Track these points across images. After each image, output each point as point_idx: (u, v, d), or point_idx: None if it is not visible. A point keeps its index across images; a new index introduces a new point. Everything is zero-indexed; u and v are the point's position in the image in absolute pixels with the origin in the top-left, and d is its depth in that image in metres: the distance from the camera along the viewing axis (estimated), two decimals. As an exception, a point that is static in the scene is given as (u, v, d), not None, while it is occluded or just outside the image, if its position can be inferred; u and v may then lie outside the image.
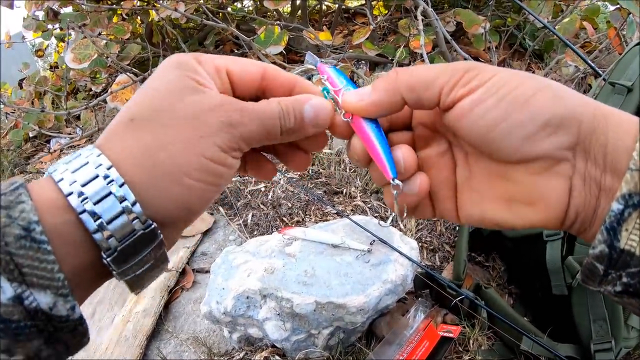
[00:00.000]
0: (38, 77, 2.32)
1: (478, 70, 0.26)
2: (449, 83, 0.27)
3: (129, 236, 0.25)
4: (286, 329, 0.87)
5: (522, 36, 1.92)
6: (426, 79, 0.27)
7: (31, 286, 0.21)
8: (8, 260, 0.21)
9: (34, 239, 0.22)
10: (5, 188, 0.23)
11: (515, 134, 0.25)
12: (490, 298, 0.95)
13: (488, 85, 0.26)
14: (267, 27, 1.66)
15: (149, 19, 2.15)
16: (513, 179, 0.27)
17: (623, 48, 1.56)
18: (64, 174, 0.24)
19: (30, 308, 0.21)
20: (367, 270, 0.88)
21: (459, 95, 0.26)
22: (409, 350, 0.90)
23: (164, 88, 0.27)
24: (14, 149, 2.19)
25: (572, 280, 0.83)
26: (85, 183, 0.24)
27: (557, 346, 0.83)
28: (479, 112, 0.26)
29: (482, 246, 1.15)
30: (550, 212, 0.26)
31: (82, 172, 0.24)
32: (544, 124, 0.25)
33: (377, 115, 0.30)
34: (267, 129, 0.28)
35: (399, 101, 0.28)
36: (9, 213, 0.22)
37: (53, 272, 0.22)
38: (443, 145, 0.31)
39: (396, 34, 1.99)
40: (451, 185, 0.31)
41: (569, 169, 0.25)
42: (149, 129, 0.26)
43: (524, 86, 0.25)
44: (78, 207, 0.24)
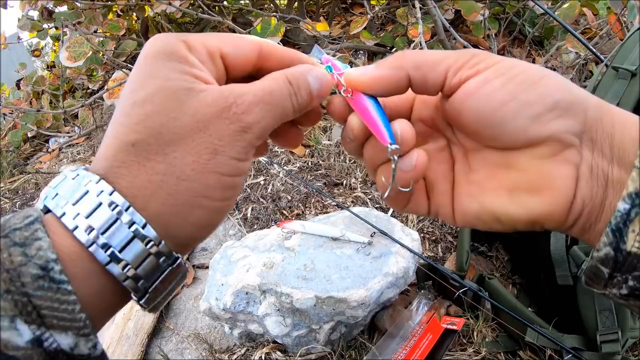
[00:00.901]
0: (35, 77, 2.30)
1: (485, 55, 0.26)
2: (456, 64, 0.26)
3: (155, 271, 0.24)
4: (287, 325, 0.86)
5: (522, 23, 1.89)
6: (433, 59, 0.27)
7: (51, 328, 0.20)
8: (25, 302, 0.20)
9: (52, 279, 0.20)
10: (20, 222, 0.21)
11: (523, 113, 0.24)
12: (494, 289, 0.93)
13: (496, 67, 0.25)
14: (264, 18, 1.63)
15: (145, 14, 2.13)
16: (517, 165, 0.26)
17: (624, 34, 1.53)
18: (65, 207, 0.23)
19: (51, 349, 0.20)
20: (368, 263, 0.87)
21: (465, 76, 0.26)
22: (412, 344, 0.89)
23: (157, 95, 0.24)
24: (13, 149, 2.18)
25: (577, 270, 0.81)
26: (89, 214, 0.22)
27: (562, 337, 0.82)
28: (486, 92, 0.25)
29: (485, 236, 1.14)
30: (556, 202, 0.25)
31: (85, 202, 0.23)
32: (552, 105, 0.24)
33: (378, 91, 0.28)
34: (280, 114, 0.26)
35: (403, 78, 0.27)
36: (24, 251, 0.20)
37: (74, 313, 0.21)
38: (441, 142, 0.31)
39: (394, 23, 1.96)
40: (448, 180, 0.30)
41: (576, 156, 0.24)
42: (154, 155, 0.23)
43: (531, 70, 0.25)
44: (86, 241, 0.22)
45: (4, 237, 0.21)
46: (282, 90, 0.26)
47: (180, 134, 0.23)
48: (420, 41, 1.41)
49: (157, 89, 0.24)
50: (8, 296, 0.20)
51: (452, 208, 0.30)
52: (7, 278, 0.20)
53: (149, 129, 0.23)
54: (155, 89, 0.24)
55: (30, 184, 1.86)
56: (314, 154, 1.53)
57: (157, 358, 1.02)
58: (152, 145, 0.23)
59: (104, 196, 0.23)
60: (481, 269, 1.08)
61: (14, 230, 0.21)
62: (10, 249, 0.20)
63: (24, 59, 2.76)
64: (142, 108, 0.24)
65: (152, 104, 0.24)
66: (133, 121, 0.24)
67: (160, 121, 0.23)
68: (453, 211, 0.29)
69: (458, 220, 0.29)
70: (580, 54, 1.51)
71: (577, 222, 0.25)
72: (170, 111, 0.23)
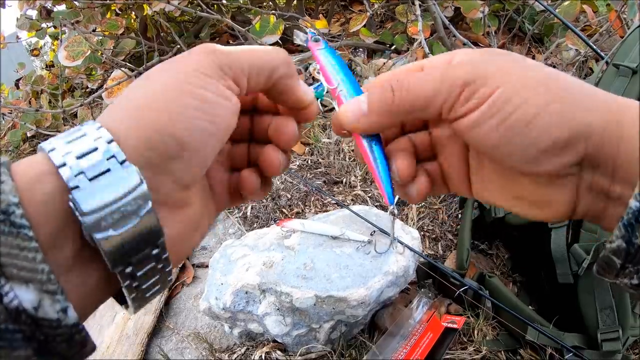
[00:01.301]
0: (34, 77, 2.30)
1: (479, 83, 0.25)
2: (447, 102, 0.26)
3: (102, 173, 0.21)
4: (286, 324, 0.86)
5: (522, 20, 1.88)
6: (423, 99, 0.26)
7: (11, 279, 0.18)
8: None
9: (13, 223, 0.19)
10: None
11: (517, 156, 0.25)
12: (494, 287, 0.93)
13: (489, 104, 0.25)
14: (263, 16, 1.63)
15: (143, 13, 2.12)
16: (520, 183, 0.27)
17: (624, 31, 1.52)
18: (56, 143, 0.22)
19: (12, 307, 0.18)
20: (368, 261, 0.87)
21: (459, 114, 0.26)
22: (413, 342, 0.88)
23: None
24: (13, 149, 2.18)
25: (577, 268, 0.81)
26: (81, 155, 0.21)
27: (563, 336, 0.81)
28: (481, 133, 0.25)
29: (485, 234, 1.13)
30: (557, 214, 0.27)
31: (79, 143, 0.22)
32: (546, 148, 0.24)
33: (373, 133, 0.30)
34: (256, 60, 0.27)
35: (396, 123, 0.29)
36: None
37: (35, 262, 0.19)
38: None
39: (394, 20, 1.96)
40: (464, 167, 0.31)
41: (574, 181, 0.25)
42: (138, 85, 0.25)
43: (527, 105, 0.24)
44: (59, 163, 0.21)
45: None
46: (264, 48, 0.28)
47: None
48: (420, 39, 1.41)
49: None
50: None
51: (469, 192, 0.31)
52: None
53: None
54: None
55: (29, 184, 1.85)
56: (314, 152, 1.53)
57: (157, 357, 1.02)
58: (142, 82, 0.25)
59: (92, 130, 0.23)
60: (481, 267, 1.08)
61: None
62: None
63: (23, 58, 2.76)
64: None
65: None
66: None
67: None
68: (471, 193, 0.31)
69: (477, 198, 0.31)
70: (581, 51, 1.51)
71: (584, 219, 0.27)
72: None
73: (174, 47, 1.88)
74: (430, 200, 1.28)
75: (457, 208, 1.23)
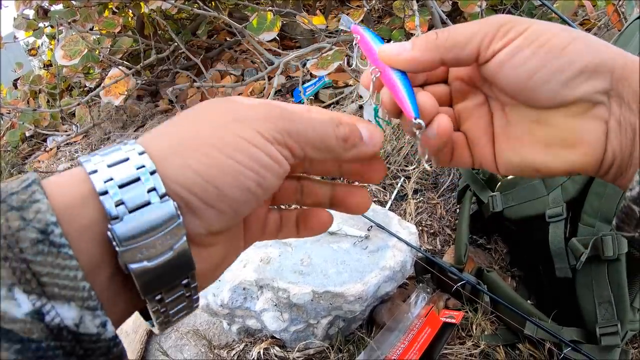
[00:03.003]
0: (32, 76, 2.30)
1: (513, 23, 0.27)
2: (486, 38, 0.27)
3: (141, 206, 0.21)
4: (284, 320, 0.85)
5: (520, 14, 1.87)
6: (464, 37, 0.28)
7: (52, 298, 0.19)
8: (24, 269, 0.18)
9: (52, 243, 0.19)
10: (17, 186, 0.20)
11: (553, 79, 0.26)
12: (492, 282, 0.93)
13: (525, 36, 0.27)
14: (260, 13, 1.62)
15: (140, 11, 2.12)
16: (551, 123, 0.28)
17: (622, 25, 1.51)
18: (98, 164, 0.22)
19: (53, 325, 0.19)
20: (365, 257, 0.86)
21: (497, 48, 0.27)
22: (411, 337, 0.88)
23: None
24: (11, 149, 2.18)
25: (576, 262, 0.80)
26: (123, 184, 0.21)
27: (561, 330, 0.81)
28: (517, 62, 0.27)
29: (483, 228, 1.13)
30: (589, 153, 0.27)
31: (121, 168, 0.22)
32: (580, 70, 0.26)
33: (411, 70, 0.30)
34: (318, 132, 0.26)
35: (436, 60, 0.29)
36: (22, 215, 0.19)
37: (77, 280, 0.19)
38: (480, 97, 0.32)
39: (391, 15, 1.95)
40: (489, 134, 0.31)
41: (605, 112, 0.26)
42: (187, 121, 0.25)
43: (558, 36, 0.26)
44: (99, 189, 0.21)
45: (1, 203, 0.19)
46: (323, 117, 0.27)
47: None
48: (418, 34, 1.40)
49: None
50: (5, 263, 0.18)
51: (494, 160, 0.31)
52: (4, 244, 0.18)
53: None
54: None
55: (28, 183, 1.86)
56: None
57: (156, 354, 1.02)
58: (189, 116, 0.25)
59: (133, 154, 0.22)
60: (480, 261, 1.08)
61: (11, 195, 0.20)
62: (8, 213, 0.19)
63: (20, 58, 2.76)
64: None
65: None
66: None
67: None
68: (496, 163, 0.31)
69: (501, 170, 0.31)
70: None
71: (609, 172, 0.27)
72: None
73: (172, 45, 1.88)
74: (429, 195, 1.28)
75: (455, 203, 1.23)
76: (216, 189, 0.23)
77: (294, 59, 1.59)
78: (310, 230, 0.32)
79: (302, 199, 0.32)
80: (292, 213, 0.32)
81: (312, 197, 0.32)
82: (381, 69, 0.30)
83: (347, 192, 0.31)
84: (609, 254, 0.76)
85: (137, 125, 2.03)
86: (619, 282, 0.77)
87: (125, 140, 0.23)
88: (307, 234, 0.32)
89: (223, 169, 0.23)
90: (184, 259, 0.23)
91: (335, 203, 0.32)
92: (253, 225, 0.31)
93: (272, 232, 0.32)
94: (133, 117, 2.09)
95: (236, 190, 0.23)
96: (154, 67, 2.19)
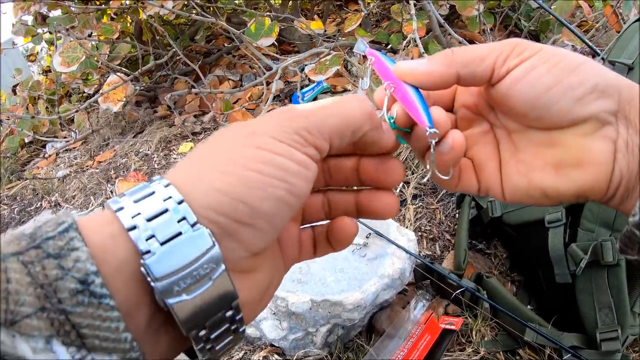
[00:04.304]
0: (31, 82, 2.30)
1: (526, 44, 0.28)
2: (501, 55, 0.28)
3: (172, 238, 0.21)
4: (283, 328, 0.85)
5: (517, 17, 1.87)
6: (480, 54, 0.28)
7: (93, 350, 0.18)
8: (63, 320, 0.18)
9: (93, 294, 0.18)
10: (52, 229, 0.19)
11: (567, 96, 0.27)
12: (492, 288, 0.92)
13: (539, 55, 0.27)
14: (258, 18, 1.62)
15: (138, 17, 2.12)
16: (561, 143, 0.28)
17: (620, 26, 1.51)
18: (124, 202, 0.21)
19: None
20: (363, 264, 0.86)
21: (512, 65, 0.28)
22: (410, 344, 0.88)
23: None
24: (10, 155, 2.18)
25: (575, 267, 0.80)
26: (151, 217, 0.21)
27: (561, 336, 0.81)
28: (533, 77, 0.27)
29: (483, 233, 1.13)
30: (597, 173, 0.27)
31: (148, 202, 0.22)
32: (592, 88, 0.26)
33: (426, 86, 0.30)
34: (343, 114, 0.26)
35: (452, 75, 0.29)
36: (60, 263, 0.18)
37: (119, 332, 0.18)
38: (485, 125, 0.32)
39: (389, 19, 1.95)
40: (495, 160, 0.31)
41: (613, 132, 0.27)
42: (205, 148, 0.24)
43: (570, 57, 0.27)
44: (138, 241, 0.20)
45: (35, 248, 0.18)
46: (351, 101, 0.27)
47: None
48: (415, 37, 1.40)
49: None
50: (43, 314, 0.17)
51: (501, 186, 0.31)
52: (41, 294, 0.18)
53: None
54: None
55: (27, 190, 1.85)
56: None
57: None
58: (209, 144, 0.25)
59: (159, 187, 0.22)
60: (479, 266, 1.07)
61: (46, 240, 0.19)
62: (44, 261, 0.18)
63: (19, 64, 2.76)
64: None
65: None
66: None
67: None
68: (502, 189, 0.31)
69: (507, 197, 0.31)
70: (577, 47, 1.50)
71: (616, 193, 0.27)
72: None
73: (170, 51, 1.88)
74: (428, 200, 1.27)
75: (454, 208, 1.22)
76: (247, 206, 0.22)
77: (292, 64, 1.59)
78: (339, 242, 0.31)
79: (330, 212, 0.32)
80: (323, 228, 0.31)
81: (339, 208, 0.31)
82: (395, 84, 0.30)
83: (372, 196, 0.31)
84: (608, 259, 0.75)
85: (136, 132, 2.03)
86: (619, 287, 0.77)
87: (152, 178, 0.23)
88: (339, 246, 0.31)
89: (249, 183, 0.22)
90: (224, 287, 0.22)
91: (361, 209, 0.31)
92: (289, 246, 0.30)
93: (308, 252, 0.31)
94: (132, 123, 2.09)
95: (268, 203, 0.23)
96: (152, 73, 2.19)
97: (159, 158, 1.77)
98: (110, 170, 1.78)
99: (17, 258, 0.18)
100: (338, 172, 0.31)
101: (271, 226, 0.23)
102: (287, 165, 0.23)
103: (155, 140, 1.84)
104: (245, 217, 0.22)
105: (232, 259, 0.22)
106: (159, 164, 1.74)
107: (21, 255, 0.18)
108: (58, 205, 1.70)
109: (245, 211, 0.22)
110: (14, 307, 0.17)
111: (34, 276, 0.18)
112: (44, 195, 1.77)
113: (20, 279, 0.18)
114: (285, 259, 0.30)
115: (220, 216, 0.22)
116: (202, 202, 0.22)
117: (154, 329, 0.21)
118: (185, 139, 1.83)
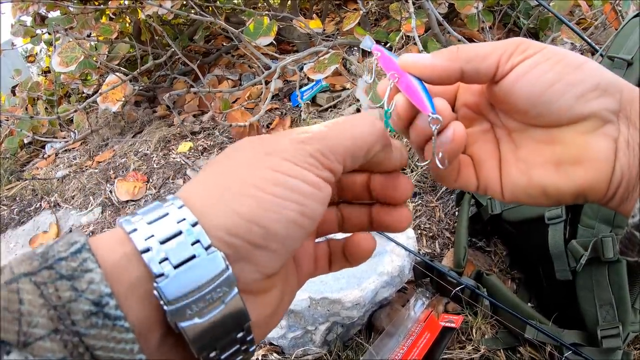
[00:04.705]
0: (30, 83, 2.29)
1: (530, 43, 0.28)
2: (506, 53, 0.28)
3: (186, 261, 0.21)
4: (282, 327, 0.85)
5: (517, 15, 1.87)
6: (484, 51, 0.29)
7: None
8: (77, 343, 0.18)
9: (107, 315, 0.18)
10: (65, 249, 0.19)
11: (569, 92, 0.27)
12: (492, 285, 0.92)
13: (542, 53, 0.28)
14: (256, 18, 1.62)
15: (137, 17, 2.12)
16: (562, 140, 0.28)
17: (619, 23, 1.51)
18: (138, 224, 0.21)
19: None
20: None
21: (516, 62, 0.28)
22: (410, 342, 0.87)
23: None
24: (10, 156, 2.18)
25: (576, 264, 0.79)
26: (164, 240, 0.21)
27: (562, 333, 0.80)
28: (536, 74, 0.27)
29: (483, 231, 1.12)
30: (598, 171, 0.27)
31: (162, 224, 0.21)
32: (594, 86, 0.27)
33: (430, 78, 0.30)
34: (358, 136, 0.26)
35: (456, 70, 0.29)
36: (73, 285, 0.18)
37: (133, 354, 0.18)
38: (485, 125, 0.32)
39: (388, 18, 1.95)
40: (495, 158, 0.31)
41: (614, 131, 0.27)
42: (221, 166, 0.24)
43: (572, 56, 0.28)
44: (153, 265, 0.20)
45: (47, 269, 0.18)
46: (364, 120, 0.27)
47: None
48: (414, 36, 1.39)
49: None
50: (56, 336, 0.17)
51: (500, 184, 0.31)
52: (54, 316, 0.17)
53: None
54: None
55: (27, 191, 1.85)
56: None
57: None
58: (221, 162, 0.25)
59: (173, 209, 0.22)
60: (479, 264, 1.07)
61: (59, 260, 0.19)
62: (57, 282, 0.18)
63: (18, 65, 2.76)
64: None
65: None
66: None
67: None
68: (501, 187, 0.31)
69: (506, 195, 0.31)
70: (576, 44, 1.50)
71: (616, 193, 0.27)
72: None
73: (169, 51, 1.88)
74: (427, 198, 1.27)
75: (454, 205, 1.22)
76: (261, 228, 0.22)
77: (291, 63, 1.58)
78: (356, 258, 0.31)
79: (343, 225, 0.32)
80: (339, 243, 0.31)
81: (352, 221, 0.32)
82: (400, 75, 0.30)
83: (384, 211, 0.31)
84: (609, 255, 0.75)
85: (135, 131, 2.03)
86: (620, 283, 0.76)
87: (164, 197, 0.23)
88: (356, 262, 0.31)
89: (264, 205, 0.22)
90: (237, 311, 0.22)
91: (374, 223, 0.31)
92: (304, 262, 0.30)
93: (323, 267, 0.31)
94: (131, 123, 2.08)
95: (281, 225, 0.23)
96: (151, 73, 2.19)
97: (158, 158, 1.76)
98: (109, 170, 1.78)
99: (29, 279, 0.18)
100: (349, 188, 0.31)
101: (284, 248, 0.23)
102: (301, 188, 0.23)
103: (154, 140, 1.84)
104: (259, 239, 0.22)
105: (244, 281, 0.22)
106: (158, 163, 1.74)
107: (33, 276, 0.18)
108: (57, 206, 1.70)
109: (259, 233, 0.22)
110: (27, 329, 0.17)
111: (47, 298, 0.18)
112: (43, 196, 1.77)
113: (33, 300, 0.18)
114: (299, 275, 0.30)
115: (234, 238, 0.22)
116: (216, 224, 0.22)
117: (165, 350, 0.21)
118: (185, 138, 1.83)
